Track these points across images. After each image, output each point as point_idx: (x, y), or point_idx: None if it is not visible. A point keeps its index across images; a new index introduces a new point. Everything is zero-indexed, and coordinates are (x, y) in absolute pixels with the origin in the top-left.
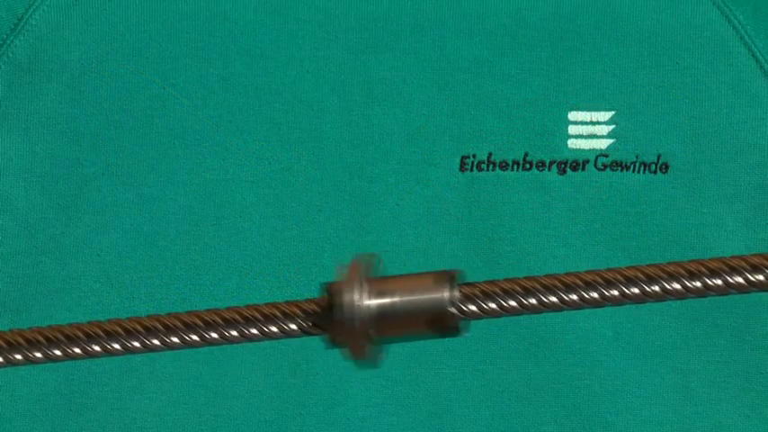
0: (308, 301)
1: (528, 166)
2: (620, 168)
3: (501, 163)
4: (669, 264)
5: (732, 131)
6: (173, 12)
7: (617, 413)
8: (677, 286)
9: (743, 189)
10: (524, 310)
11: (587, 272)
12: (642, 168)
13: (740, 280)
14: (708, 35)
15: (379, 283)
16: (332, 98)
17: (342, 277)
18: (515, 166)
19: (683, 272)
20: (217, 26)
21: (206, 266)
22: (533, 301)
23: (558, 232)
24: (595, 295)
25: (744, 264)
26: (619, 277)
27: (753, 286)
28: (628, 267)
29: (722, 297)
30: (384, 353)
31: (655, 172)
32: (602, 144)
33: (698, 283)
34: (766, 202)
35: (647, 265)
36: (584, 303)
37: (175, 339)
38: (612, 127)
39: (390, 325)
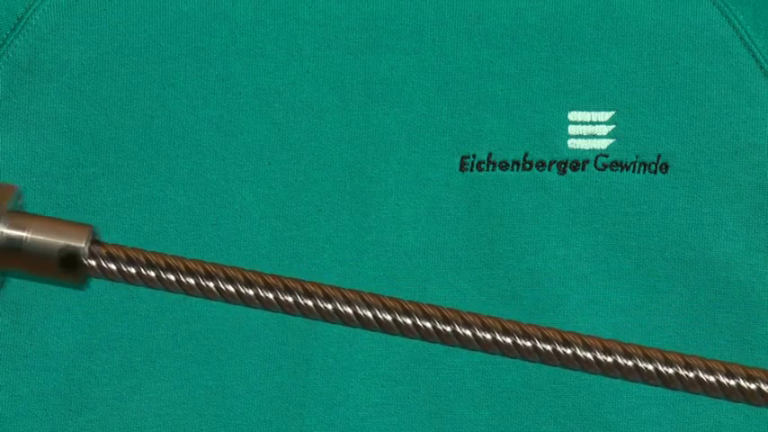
0: None
1: (528, 166)
2: (620, 168)
3: (501, 163)
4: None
5: (732, 131)
6: (173, 12)
7: (617, 413)
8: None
9: (743, 189)
10: (144, 281)
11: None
12: (642, 168)
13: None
14: (708, 35)
15: (18, 217)
16: (332, 98)
17: None
18: (515, 166)
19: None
20: (217, 26)
21: None
22: (152, 274)
23: (557, 232)
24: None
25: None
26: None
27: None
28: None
29: (722, 297)
30: (3, 284)
31: (655, 172)
32: (602, 144)
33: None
34: (766, 202)
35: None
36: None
37: None
38: (612, 127)
39: (17, 258)
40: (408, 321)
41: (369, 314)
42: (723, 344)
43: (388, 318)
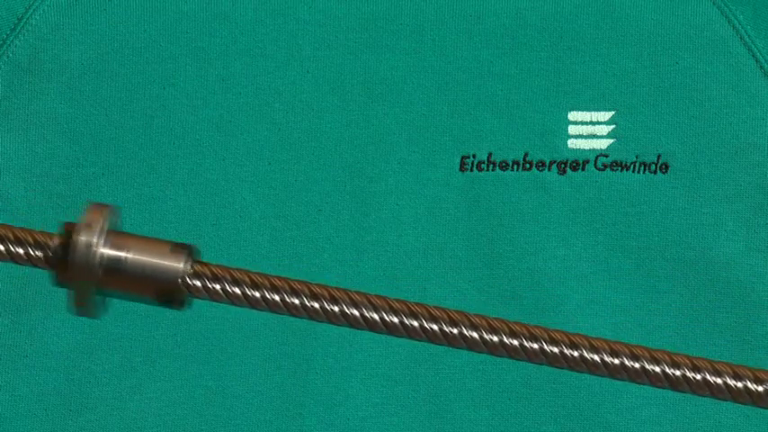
0: (44, 232)
1: (528, 166)
2: (620, 168)
3: (501, 163)
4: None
5: (732, 131)
6: (173, 12)
7: (617, 413)
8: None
9: (743, 189)
10: (248, 302)
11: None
12: (642, 168)
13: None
14: (708, 35)
15: (116, 236)
16: (332, 98)
17: (82, 220)
18: (515, 166)
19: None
20: (217, 26)
21: None
22: (257, 294)
23: (558, 232)
24: (356, 314)
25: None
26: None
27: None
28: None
29: (722, 297)
30: (104, 307)
31: (655, 172)
32: (602, 144)
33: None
34: (766, 202)
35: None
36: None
37: None
38: (612, 127)
39: (118, 279)
40: (415, 323)
41: (376, 316)
42: (723, 344)
43: (395, 320)
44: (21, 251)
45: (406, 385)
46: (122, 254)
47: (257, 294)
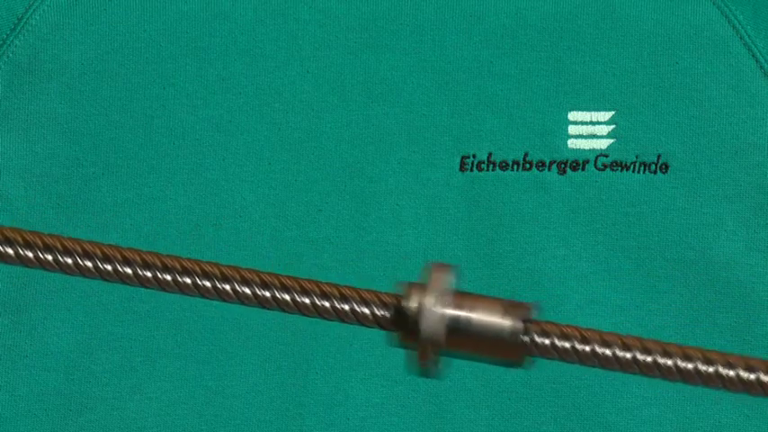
0: (389, 294)
1: (528, 166)
2: (620, 168)
3: (501, 163)
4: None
5: (732, 131)
6: (173, 12)
7: (617, 413)
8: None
9: (743, 189)
10: (581, 358)
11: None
12: (642, 168)
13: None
14: (708, 35)
15: (458, 297)
16: (332, 98)
17: (427, 282)
18: (515, 166)
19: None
20: (217, 26)
21: None
22: (587, 348)
23: (558, 232)
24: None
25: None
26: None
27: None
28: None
29: (722, 297)
30: (445, 367)
31: (655, 172)
32: (602, 144)
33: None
34: (766, 202)
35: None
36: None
37: (248, 291)
38: (612, 127)
39: (461, 340)
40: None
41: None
42: (723, 344)
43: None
44: (366, 311)
45: (406, 385)
46: (464, 313)
47: (587, 349)
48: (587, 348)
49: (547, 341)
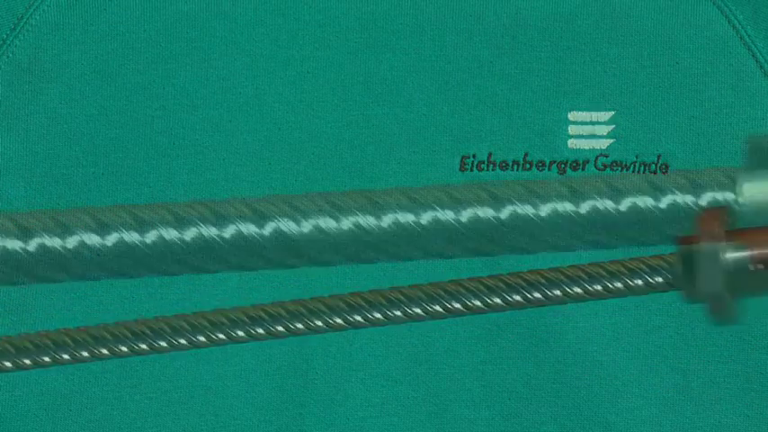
0: (656, 256)
1: (528, 166)
2: (620, 168)
3: (501, 163)
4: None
5: (732, 131)
6: (173, 12)
7: (617, 413)
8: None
9: None
10: None
11: None
12: (642, 168)
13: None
14: (708, 35)
15: (736, 236)
16: (332, 98)
17: (699, 231)
18: (515, 166)
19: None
20: (217, 26)
21: None
22: None
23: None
24: None
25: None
26: None
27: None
28: None
29: None
30: (743, 309)
31: (655, 172)
32: (602, 144)
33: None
34: None
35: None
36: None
37: (540, 295)
38: (612, 127)
39: (748, 280)
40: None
41: None
42: (723, 344)
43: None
44: (640, 282)
45: (406, 385)
46: (746, 253)
47: None
48: None
49: None
